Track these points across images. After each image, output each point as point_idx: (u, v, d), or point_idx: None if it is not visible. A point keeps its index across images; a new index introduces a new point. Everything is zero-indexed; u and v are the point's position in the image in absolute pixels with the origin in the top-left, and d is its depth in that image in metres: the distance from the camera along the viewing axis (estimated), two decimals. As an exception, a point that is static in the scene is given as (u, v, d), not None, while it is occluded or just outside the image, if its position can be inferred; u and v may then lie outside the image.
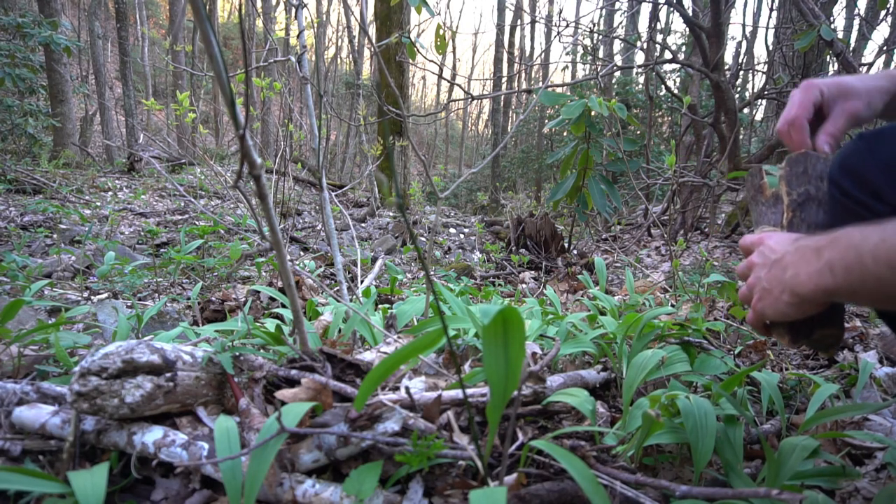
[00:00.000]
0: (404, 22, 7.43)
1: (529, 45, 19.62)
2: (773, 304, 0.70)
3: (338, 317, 1.36)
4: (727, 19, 5.08)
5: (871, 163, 0.67)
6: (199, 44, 13.74)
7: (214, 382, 0.85)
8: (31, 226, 3.69)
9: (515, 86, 16.19)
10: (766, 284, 0.71)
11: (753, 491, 0.62)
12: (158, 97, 18.00)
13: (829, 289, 0.61)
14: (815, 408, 0.97)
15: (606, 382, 1.16)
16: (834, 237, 0.61)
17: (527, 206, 8.91)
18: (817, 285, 0.62)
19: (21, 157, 6.85)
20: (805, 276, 0.63)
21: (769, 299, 0.70)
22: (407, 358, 0.65)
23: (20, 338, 1.03)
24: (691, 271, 2.95)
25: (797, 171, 0.80)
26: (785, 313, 0.69)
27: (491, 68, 21.78)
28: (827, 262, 0.60)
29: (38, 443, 0.77)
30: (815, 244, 0.63)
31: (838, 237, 0.60)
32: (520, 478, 0.71)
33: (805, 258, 0.64)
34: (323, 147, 1.83)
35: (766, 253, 0.72)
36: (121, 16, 10.70)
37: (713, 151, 4.72)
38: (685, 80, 8.21)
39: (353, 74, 17.45)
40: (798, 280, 0.64)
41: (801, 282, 0.64)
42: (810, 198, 0.78)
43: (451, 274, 3.05)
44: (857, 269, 0.57)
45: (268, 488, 0.67)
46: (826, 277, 0.61)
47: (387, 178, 5.18)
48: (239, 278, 2.74)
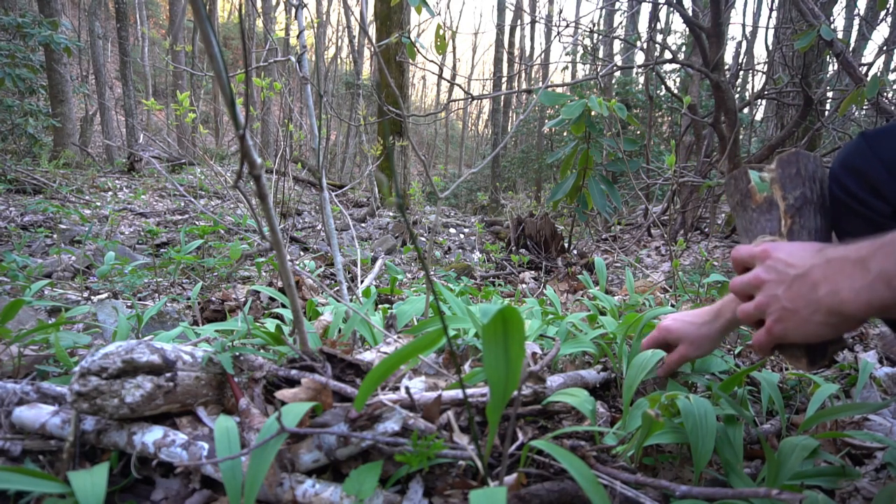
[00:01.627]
0: (404, 22, 7.43)
1: (529, 45, 19.63)
2: (800, 325, 0.63)
3: (338, 317, 1.36)
4: (727, 19, 5.08)
5: (874, 161, 0.65)
6: (199, 44, 13.75)
7: (214, 382, 0.85)
8: (31, 226, 3.69)
9: (515, 86, 16.19)
10: (787, 304, 0.64)
11: (753, 491, 0.62)
12: (158, 97, 18.01)
13: (887, 304, 0.54)
14: (815, 408, 0.97)
15: (606, 382, 1.16)
16: (882, 244, 0.55)
17: (527, 206, 8.91)
18: (870, 301, 0.55)
19: (21, 157, 6.85)
20: (850, 292, 0.57)
21: (794, 321, 0.64)
22: (407, 358, 0.65)
23: (20, 338, 1.03)
24: (691, 271, 2.95)
25: (790, 172, 0.75)
26: (817, 334, 0.63)
27: (491, 68, 21.78)
28: (880, 275, 0.54)
29: (38, 443, 0.76)
30: (857, 254, 0.57)
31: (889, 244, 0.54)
32: (520, 478, 0.71)
33: (845, 272, 0.58)
34: (323, 147, 1.83)
35: (781, 268, 0.65)
36: (121, 16, 10.70)
37: (713, 151, 4.72)
38: (685, 80, 8.21)
39: (353, 74, 17.45)
40: (839, 298, 0.58)
41: (845, 299, 0.57)
42: (807, 201, 0.73)
43: (451, 274, 3.05)
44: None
45: (268, 488, 0.67)
46: (881, 292, 0.54)
47: (387, 178, 5.18)
48: (239, 278, 2.74)
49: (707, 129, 4.60)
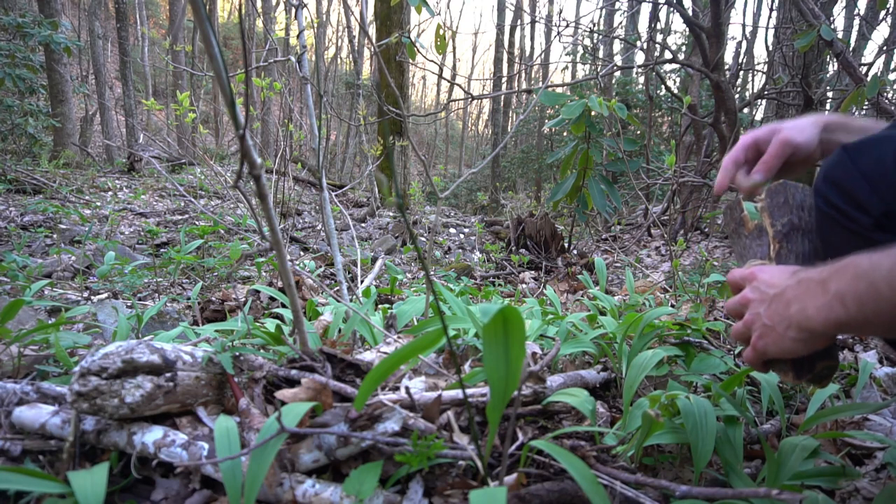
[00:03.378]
0: (404, 22, 7.43)
1: (529, 45, 19.64)
2: (777, 341, 0.67)
3: (338, 317, 1.36)
4: (727, 19, 5.08)
5: (854, 173, 0.66)
6: (199, 44, 13.75)
7: (214, 382, 0.85)
8: (31, 226, 3.69)
9: (515, 86, 16.19)
10: (766, 321, 0.68)
11: (753, 491, 0.62)
12: (158, 97, 18.01)
13: (842, 321, 0.58)
14: (815, 408, 0.97)
15: (606, 382, 1.16)
16: (838, 267, 0.59)
17: (527, 206, 8.91)
18: (827, 319, 0.59)
19: (21, 157, 6.85)
20: (813, 310, 0.61)
21: (772, 336, 0.68)
22: (407, 358, 0.65)
23: (20, 338, 1.03)
24: (691, 271, 2.95)
25: (778, 201, 0.79)
26: (792, 350, 0.66)
27: (491, 68, 21.79)
28: (836, 294, 0.58)
29: (38, 443, 0.76)
30: (819, 276, 0.61)
31: (844, 266, 0.58)
32: (520, 478, 0.71)
33: (810, 291, 0.62)
34: (323, 147, 1.83)
35: (763, 288, 0.70)
36: (121, 16, 10.70)
37: (713, 151, 4.72)
38: (685, 80, 8.21)
39: (353, 74, 17.45)
40: (806, 315, 0.62)
41: (810, 316, 0.61)
42: (794, 227, 0.77)
43: (451, 274, 3.05)
44: (871, 299, 0.55)
45: (268, 488, 0.67)
46: (837, 310, 0.58)
47: (387, 178, 5.18)
48: (239, 278, 2.74)
49: (707, 129, 4.60)
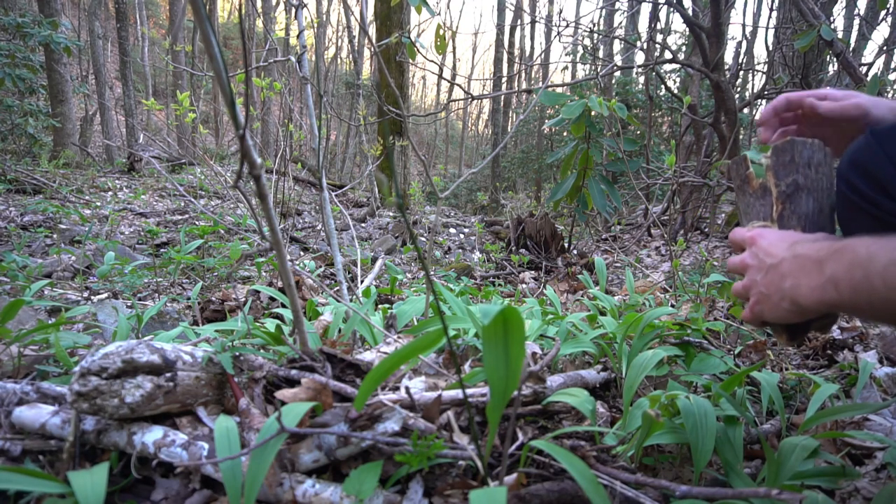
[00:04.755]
0: (404, 22, 7.43)
1: (529, 45, 19.64)
2: (771, 309, 0.69)
3: (338, 317, 1.36)
4: (727, 19, 5.08)
5: (883, 159, 0.65)
6: (199, 44, 13.74)
7: (214, 382, 0.85)
8: (31, 226, 3.69)
9: (515, 86, 16.20)
10: (763, 289, 0.70)
11: (753, 491, 0.62)
12: (158, 97, 18.01)
13: (833, 303, 0.60)
14: (815, 408, 0.96)
15: (606, 382, 1.16)
16: (836, 249, 0.59)
17: (527, 206, 8.91)
18: (821, 299, 0.61)
19: (21, 157, 6.85)
20: (807, 289, 0.62)
21: (768, 304, 0.70)
22: (407, 358, 0.65)
23: (20, 338, 1.03)
24: (691, 271, 2.95)
25: (784, 159, 0.77)
26: (786, 318, 0.69)
27: (491, 68, 21.79)
28: (830, 278, 0.59)
29: (38, 443, 0.76)
30: (816, 255, 0.62)
31: (841, 250, 0.58)
32: (520, 478, 0.71)
33: (805, 270, 0.63)
34: (323, 147, 1.83)
35: (761, 256, 0.71)
36: (121, 16, 10.70)
37: (713, 151, 4.72)
38: (685, 80, 8.20)
39: (353, 74, 17.45)
40: (799, 292, 0.63)
41: (803, 294, 0.63)
42: (799, 188, 0.76)
43: (451, 274, 3.05)
44: (864, 290, 0.56)
45: (268, 488, 0.67)
46: (830, 293, 0.59)
47: (387, 178, 5.18)
48: (239, 278, 2.74)
49: (707, 129, 4.59)
